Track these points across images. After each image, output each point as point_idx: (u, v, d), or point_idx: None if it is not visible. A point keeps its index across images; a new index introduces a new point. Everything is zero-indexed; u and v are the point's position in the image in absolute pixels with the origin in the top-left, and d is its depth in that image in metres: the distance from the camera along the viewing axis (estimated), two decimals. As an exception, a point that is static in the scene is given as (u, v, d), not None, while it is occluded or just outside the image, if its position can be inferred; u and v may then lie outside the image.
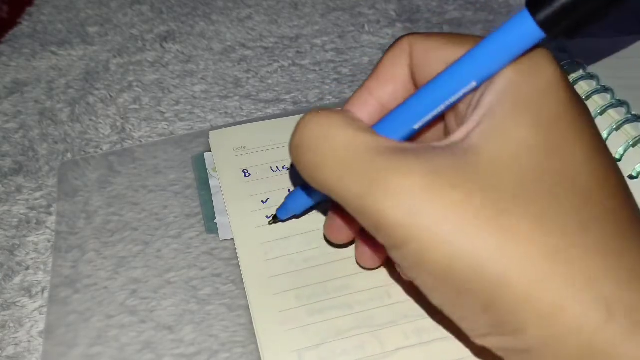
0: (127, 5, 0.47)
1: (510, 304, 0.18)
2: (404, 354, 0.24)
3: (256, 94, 0.39)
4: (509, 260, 0.18)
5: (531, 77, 0.19)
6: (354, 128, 0.20)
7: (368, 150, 0.19)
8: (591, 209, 0.18)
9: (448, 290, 0.19)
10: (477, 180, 0.18)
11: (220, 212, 0.30)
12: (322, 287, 0.26)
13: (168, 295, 0.27)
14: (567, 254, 0.18)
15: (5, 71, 0.42)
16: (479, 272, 0.18)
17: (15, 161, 0.35)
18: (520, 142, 0.19)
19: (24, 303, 0.28)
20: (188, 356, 0.25)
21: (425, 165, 0.18)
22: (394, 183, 0.18)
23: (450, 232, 0.18)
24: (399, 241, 0.19)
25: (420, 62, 0.22)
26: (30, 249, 0.30)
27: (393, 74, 0.23)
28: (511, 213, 0.18)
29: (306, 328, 0.25)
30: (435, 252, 0.18)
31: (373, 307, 0.25)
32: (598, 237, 0.18)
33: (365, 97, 0.24)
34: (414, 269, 0.20)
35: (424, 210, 0.18)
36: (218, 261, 0.29)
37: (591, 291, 0.17)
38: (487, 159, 0.19)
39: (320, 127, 0.21)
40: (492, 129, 0.19)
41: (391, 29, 0.43)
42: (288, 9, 0.46)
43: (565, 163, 0.19)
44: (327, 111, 0.21)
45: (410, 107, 0.21)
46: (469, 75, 0.20)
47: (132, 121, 0.37)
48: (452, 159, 0.19)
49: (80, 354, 0.25)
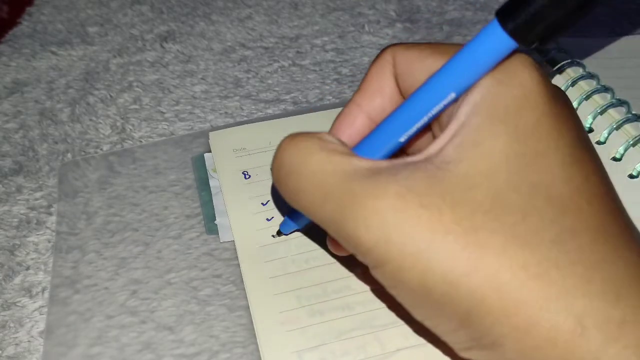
0: (127, 5, 0.47)
1: (486, 319, 0.18)
2: (404, 354, 0.24)
3: (256, 94, 0.39)
4: (482, 276, 0.17)
5: (507, 86, 0.19)
6: (329, 152, 0.20)
7: (341, 175, 0.19)
8: (567, 220, 0.18)
9: (426, 306, 0.19)
10: (449, 197, 0.18)
11: (221, 213, 0.30)
12: (322, 288, 0.26)
13: (168, 295, 0.27)
14: (540, 268, 0.17)
15: (5, 71, 0.42)
16: (453, 289, 0.18)
17: (15, 161, 0.35)
18: (494, 154, 0.18)
19: (24, 303, 0.28)
20: (188, 356, 0.25)
21: (398, 184, 0.18)
22: (366, 207, 0.19)
23: (422, 250, 0.18)
24: (375, 263, 0.19)
25: (404, 73, 0.22)
26: (30, 249, 0.30)
27: (379, 86, 0.23)
28: (483, 228, 0.18)
29: (306, 329, 0.25)
30: (410, 271, 0.18)
31: (373, 308, 0.26)
32: (573, 250, 0.18)
33: (354, 112, 0.24)
34: (394, 288, 0.20)
35: (396, 231, 0.18)
36: (218, 262, 0.29)
37: (563, 305, 0.17)
38: (460, 173, 0.18)
39: (297, 151, 0.21)
40: (466, 141, 0.19)
41: (391, 29, 0.43)
42: (288, 9, 0.46)
43: (541, 174, 0.18)
44: (304, 135, 0.21)
45: (394, 121, 0.21)
46: (447, 87, 0.19)
47: (132, 121, 0.37)
48: (424, 175, 0.19)
49: (80, 354, 0.25)
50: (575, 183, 0.19)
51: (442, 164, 0.19)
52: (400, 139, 0.21)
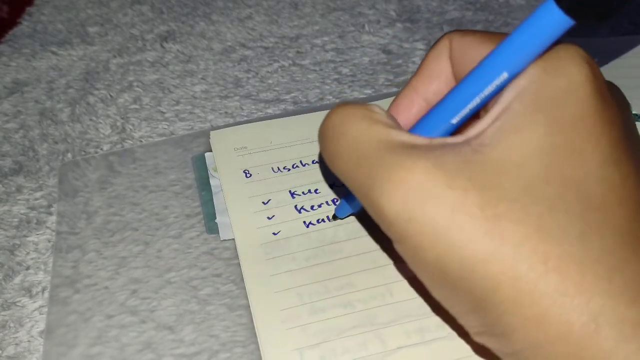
0: (127, 5, 0.47)
1: (498, 307, 0.18)
2: (406, 352, 0.24)
3: (256, 94, 0.39)
4: (499, 265, 0.17)
5: (554, 76, 0.19)
6: (370, 121, 0.20)
7: (378, 144, 0.20)
8: (595, 218, 0.18)
9: (443, 287, 0.19)
10: (478, 181, 0.18)
11: (221, 212, 0.30)
12: (323, 286, 0.26)
13: (168, 295, 0.27)
14: (560, 262, 0.17)
15: (5, 71, 0.42)
16: (469, 274, 0.18)
17: (15, 161, 0.35)
18: (532, 144, 0.18)
19: (24, 303, 0.28)
20: (188, 356, 0.25)
21: (430, 161, 0.18)
22: (395, 177, 0.19)
23: (442, 231, 0.18)
24: (397, 236, 0.19)
25: (459, 59, 0.22)
26: (30, 249, 0.30)
27: (436, 71, 0.23)
28: (507, 216, 0.18)
29: (307, 327, 0.25)
30: (430, 250, 0.18)
31: (375, 305, 0.25)
32: (596, 248, 0.18)
33: (411, 95, 0.24)
34: (414, 264, 0.20)
35: (418, 208, 0.18)
36: (218, 261, 0.29)
37: (579, 302, 0.17)
38: (494, 158, 0.18)
39: (340, 118, 0.21)
40: (505, 126, 0.19)
41: (391, 29, 0.43)
42: (288, 9, 0.46)
43: (575, 169, 0.18)
44: (352, 104, 0.21)
45: (447, 103, 0.21)
46: (500, 67, 0.19)
47: (132, 121, 0.37)
48: (459, 156, 0.18)
49: (80, 353, 0.25)
50: (611, 183, 0.18)
51: (479, 146, 0.19)
52: (452, 121, 0.21)
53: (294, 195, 0.30)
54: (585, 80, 0.19)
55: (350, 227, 0.29)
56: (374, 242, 0.28)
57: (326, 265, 0.27)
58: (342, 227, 0.29)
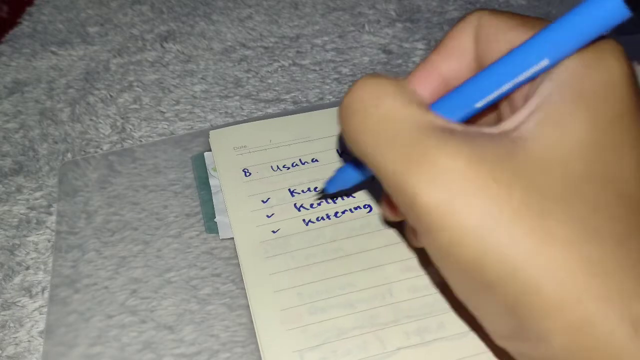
0: (127, 5, 0.47)
1: (538, 311, 0.17)
2: (406, 353, 0.24)
3: (256, 93, 0.38)
4: (543, 266, 0.17)
5: (595, 70, 0.18)
6: (405, 99, 0.19)
7: (415, 125, 0.18)
8: (635, 220, 0.17)
9: (474, 286, 0.18)
10: (522, 176, 0.17)
11: (220, 211, 0.30)
12: (323, 285, 0.26)
13: (168, 294, 0.27)
14: (603, 266, 0.17)
15: (6, 71, 0.42)
16: (509, 273, 0.17)
17: (15, 161, 0.35)
18: (574, 140, 0.17)
19: (24, 303, 0.28)
20: (188, 356, 0.25)
21: (472, 150, 0.17)
22: (436, 163, 0.17)
23: (485, 227, 0.17)
24: (430, 227, 0.18)
25: (486, 41, 0.21)
26: (30, 249, 0.30)
27: (458, 47, 0.22)
28: (552, 216, 0.17)
29: (307, 328, 0.25)
30: (467, 246, 0.17)
31: (375, 305, 0.25)
32: (635, 250, 0.17)
33: (428, 69, 0.22)
34: (443, 259, 0.19)
35: (461, 199, 0.17)
36: (218, 261, 0.29)
37: (621, 307, 0.16)
38: (536, 154, 0.17)
39: (371, 91, 0.19)
40: (547, 119, 0.18)
41: (391, 28, 0.43)
42: (288, 9, 0.46)
43: (616, 168, 0.18)
44: (382, 77, 0.20)
45: (477, 83, 0.20)
46: (542, 52, 0.18)
47: (132, 121, 0.37)
48: (500, 149, 0.17)
49: (80, 353, 0.25)
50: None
51: (519, 139, 0.18)
52: (476, 104, 0.20)
53: (294, 194, 0.30)
54: (626, 76, 0.18)
55: (350, 225, 0.29)
56: (374, 241, 0.28)
57: (326, 264, 0.27)
58: (342, 225, 0.29)
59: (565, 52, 0.18)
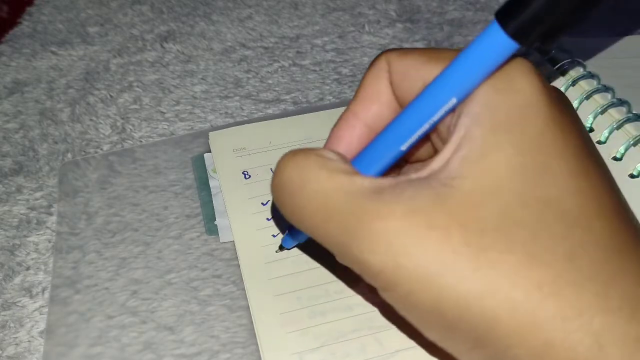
0: (127, 5, 0.47)
1: (501, 341, 0.17)
2: (404, 355, 0.24)
3: (256, 94, 0.39)
4: (495, 298, 0.17)
5: (508, 95, 0.19)
6: (330, 170, 0.19)
7: (344, 195, 0.19)
8: (578, 235, 0.18)
9: (439, 328, 0.19)
10: (456, 215, 0.17)
11: (221, 213, 0.30)
12: (323, 289, 0.26)
13: (169, 295, 0.27)
14: (555, 287, 0.17)
15: (6, 71, 0.42)
16: (466, 311, 0.17)
17: (15, 161, 0.35)
18: (500, 168, 0.18)
19: (25, 303, 0.28)
20: (188, 357, 0.25)
21: (404, 205, 0.18)
22: (372, 229, 0.18)
23: (433, 274, 0.17)
24: (384, 286, 0.19)
25: (399, 81, 0.21)
26: (30, 249, 0.30)
27: (376, 94, 0.22)
28: (493, 248, 0.17)
29: (307, 330, 0.25)
30: (422, 294, 0.18)
31: (373, 309, 0.25)
32: (586, 265, 0.17)
33: (351, 120, 0.23)
34: (404, 310, 0.19)
35: (405, 255, 0.18)
36: (219, 262, 0.29)
37: (580, 324, 0.17)
38: (466, 190, 0.18)
39: (298, 170, 0.20)
40: (470, 154, 0.18)
41: (391, 29, 0.43)
42: (288, 9, 0.46)
43: (549, 187, 0.18)
44: (303, 152, 0.20)
45: (394, 129, 0.20)
46: (448, 92, 0.19)
47: (132, 121, 0.37)
48: (430, 193, 0.18)
49: (80, 354, 0.25)
50: (583, 196, 0.18)
51: (447, 180, 0.18)
52: (401, 148, 0.20)
53: (294, 196, 0.30)
54: (539, 92, 0.19)
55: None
56: None
57: (325, 268, 0.27)
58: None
59: (469, 88, 0.19)
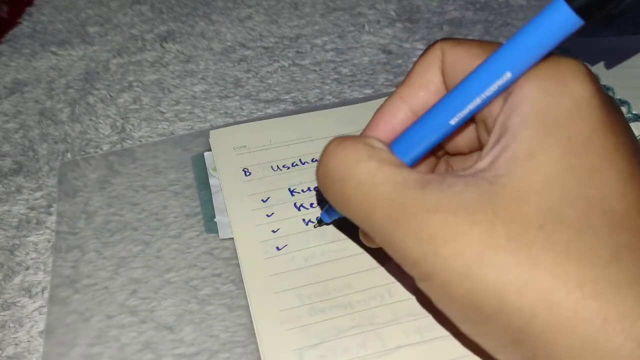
0: (127, 5, 0.47)
1: (539, 338, 0.17)
2: (405, 351, 0.24)
3: (256, 93, 0.39)
4: (535, 295, 0.17)
5: (558, 96, 0.19)
6: (378, 161, 0.20)
7: (392, 185, 0.19)
8: (624, 237, 0.17)
9: (475, 322, 0.19)
10: (501, 212, 0.18)
11: (220, 211, 0.30)
12: (323, 286, 0.26)
13: (168, 295, 0.27)
14: (597, 287, 0.17)
15: (5, 71, 0.42)
16: (505, 307, 0.17)
17: (15, 161, 0.35)
18: (549, 168, 0.18)
19: (24, 303, 0.28)
20: (188, 356, 0.25)
21: (449, 199, 0.18)
22: (417, 220, 0.18)
23: (472, 266, 0.18)
24: (422, 275, 0.19)
25: (451, 70, 0.22)
26: (30, 249, 0.30)
27: (425, 80, 0.23)
28: (536, 244, 0.17)
29: (307, 327, 0.25)
30: (459, 286, 0.18)
31: (374, 305, 0.25)
32: (630, 268, 0.17)
33: (397, 103, 0.23)
34: (441, 301, 0.20)
35: (445, 245, 0.18)
36: (218, 261, 0.29)
37: (623, 327, 0.16)
38: (513, 188, 0.18)
39: (344, 159, 0.20)
40: (518, 154, 0.18)
41: (391, 29, 0.43)
42: (288, 9, 0.46)
43: (596, 188, 0.18)
44: (351, 140, 0.21)
45: (446, 103, 0.20)
46: (503, 66, 0.19)
47: (132, 121, 0.37)
48: (476, 190, 0.18)
49: (80, 354, 0.25)
50: (631, 199, 0.18)
51: (495, 178, 0.18)
52: (451, 122, 0.20)
53: (294, 193, 0.30)
54: (590, 96, 0.19)
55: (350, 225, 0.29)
56: None
57: (326, 265, 0.27)
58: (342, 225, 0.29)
59: (526, 64, 0.19)
